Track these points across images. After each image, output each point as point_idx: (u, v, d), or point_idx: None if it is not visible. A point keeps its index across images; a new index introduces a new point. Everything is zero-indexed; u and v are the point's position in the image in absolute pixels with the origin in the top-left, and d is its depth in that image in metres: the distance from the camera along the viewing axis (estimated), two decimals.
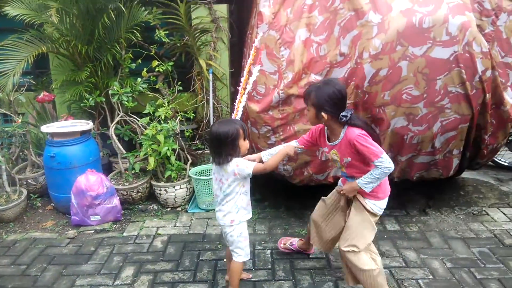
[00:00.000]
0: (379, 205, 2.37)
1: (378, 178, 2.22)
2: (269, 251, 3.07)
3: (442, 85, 2.81)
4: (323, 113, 2.23)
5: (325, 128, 2.40)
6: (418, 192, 3.86)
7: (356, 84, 2.89)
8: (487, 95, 2.92)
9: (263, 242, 3.18)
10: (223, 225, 2.43)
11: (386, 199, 2.40)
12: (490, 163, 4.35)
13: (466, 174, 4.13)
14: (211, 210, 3.67)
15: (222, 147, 2.26)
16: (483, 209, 3.62)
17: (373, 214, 2.37)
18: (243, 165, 2.27)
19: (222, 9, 4.38)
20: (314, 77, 2.97)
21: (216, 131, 2.27)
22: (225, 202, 2.37)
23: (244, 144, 2.32)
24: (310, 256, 3.00)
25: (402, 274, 2.78)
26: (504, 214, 3.54)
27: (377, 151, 2.17)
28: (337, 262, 2.91)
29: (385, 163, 2.17)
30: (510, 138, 4.26)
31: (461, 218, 3.49)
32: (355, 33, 2.86)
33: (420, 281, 2.71)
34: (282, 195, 3.79)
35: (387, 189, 2.40)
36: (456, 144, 3.10)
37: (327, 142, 2.40)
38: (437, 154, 3.13)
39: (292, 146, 2.47)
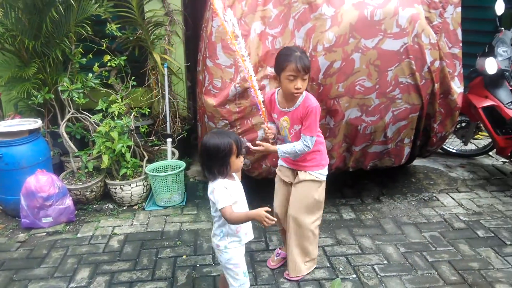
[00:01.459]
0: (324, 173, 2.58)
1: (295, 153, 2.41)
2: None
3: (393, 76, 2.90)
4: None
5: (276, 94, 2.46)
6: (372, 181, 3.97)
7: (311, 77, 2.92)
8: (436, 85, 3.04)
9: None
10: (213, 246, 2.23)
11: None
12: (439, 150, 4.53)
13: (417, 162, 4.28)
14: (169, 207, 3.62)
15: (211, 162, 2.02)
16: (434, 195, 3.78)
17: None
18: (218, 196, 2.00)
19: (176, 2, 4.30)
20: (270, 70, 2.98)
21: (206, 143, 2.03)
22: (214, 222, 2.15)
23: (237, 162, 2.05)
24: (270, 248, 3.03)
25: (358, 260, 2.86)
26: (453, 199, 3.71)
27: (315, 130, 2.38)
28: None
29: (310, 143, 2.38)
30: (458, 126, 4.47)
31: (413, 204, 3.63)
32: (309, 26, 2.89)
33: (375, 266, 2.80)
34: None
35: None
36: (407, 133, 3.21)
37: (279, 108, 2.45)
38: (389, 143, 3.23)
39: (262, 214, 2.02)
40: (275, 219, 2.07)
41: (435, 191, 3.85)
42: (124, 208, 3.65)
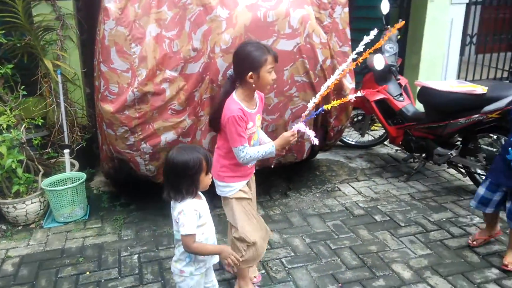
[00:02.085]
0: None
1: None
2: (136, 255, 2.97)
3: (289, 75, 3.01)
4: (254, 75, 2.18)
5: (240, 103, 2.23)
6: (280, 177, 4.09)
7: (211, 79, 2.93)
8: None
9: (129, 248, 3.07)
10: (172, 271, 2.08)
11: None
12: (340, 143, 4.81)
13: (320, 156, 4.50)
14: (71, 222, 3.41)
15: (178, 181, 1.87)
16: (336, 185, 3.99)
17: None
18: (185, 220, 1.87)
19: (67, 6, 4.06)
20: (170, 73, 2.94)
21: (173, 159, 1.87)
22: (178, 245, 2.00)
23: (205, 180, 1.93)
24: None
25: (267, 256, 2.93)
26: (353, 188, 3.95)
27: None
28: None
29: None
30: (354, 119, 4.77)
31: (317, 196, 3.80)
32: (205, 28, 2.89)
33: (283, 259, 2.90)
34: (150, 196, 3.68)
35: None
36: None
37: (251, 111, 2.28)
38: None
39: (229, 251, 1.99)
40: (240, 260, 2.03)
41: (337, 182, 4.07)
42: (19, 228, 3.36)
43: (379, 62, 3.97)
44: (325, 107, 2.39)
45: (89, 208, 3.58)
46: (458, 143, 3.75)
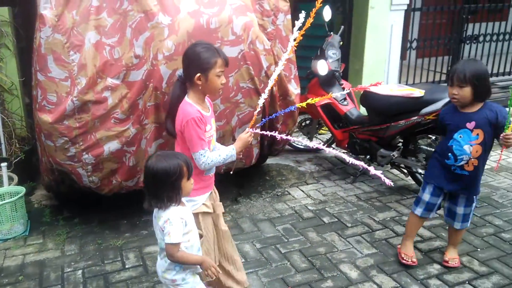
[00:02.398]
0: None
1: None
2: (80, 271, 2.86)
3: (234, 81, 3.02)
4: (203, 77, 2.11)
5: (195, 106, 2.15)
6: (230, 184, 4.08)
7: (155, 86, 2.88)
8: (274, 88, 3.25)
9: (73, 263, 2.94)
10: (163, 282, 2.03)
11: None
12: (289, 147, 4.87)
13: (270, 161, 4.54)
14: (10, 239, 3.23)
15: (159, 188, 1.83)
16: (286, 189, 4.04)
17: None
18: (171, 229, 1.84)
19: (3, 12, 3.88)
20: (111, 81, 2.86)
21: (152, 167, 1.82)
22: (164, 255, 1.95)
23: (187, 185, 1.91)
24: (126, 266, 2.91)
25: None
26: (302, 191, 4.01)
27: None
28: (154, 267, 2.89)
29: None
30: (302, 124, 4.86)
31: (268, 200, 3.83)
32: (147, 35, 2.85)
33: None
34: (95, 209, 3.57)
35: None
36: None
37: (207, 114, 2.21)
38: None
39: (211, 262, 1.98)
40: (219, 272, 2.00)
41: (287, 186, 4.12)
42: None
43: (322, 68, 4.07)
44: (298, 105, 2.46)
45: (29, 223, 3.40)
46: (400, 144, 3.90)
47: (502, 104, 2.70)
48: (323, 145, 2.21)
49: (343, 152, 4.46)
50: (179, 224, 1.86)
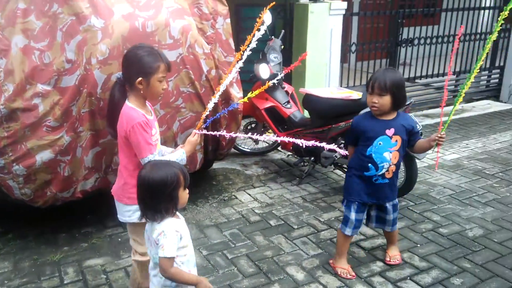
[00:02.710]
0: None
1: None
2: None
3: (174, 86, 2.95)
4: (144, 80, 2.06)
5: (138, 110, 2.09)
6: None
7: (89, 92, 2.76)
8: (215, 92, 3.20)
9: (6, 281, 2.75)
10: None
11: None
12: (236, 151, 4.85)
13: (216, 165, 4.49)
14: None
15: (156, 200, 1.74)
16: (233, 193, 4.00)
17: None
18: (165, 242, 1.74)
19: None
20: (42, 87, 2.71)
21: (148, 177, 1.74)
22: (157, 271, 1.84)
23: (184, 196, 1.82)
24: (65, 282, 2.76)
25: None
26: (250, 195, 3.99)
27: None
28: (94, 282, 2.76)
29: None
30: (248, 127, 4.85)
31: (214, 206, 3.77)
32: (79, 39, 2.72)
33: None
34: (30, 222, 3.36)
35: None
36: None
37: (151, 117, 2.15)
38: None
39: (207, 283, 1.89)
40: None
41: (233, 190, 4.08)
42: None
43: (264, 72, 4.09)
44: (240, 101, 2.51)
45: None
46: (342, 145, 3.98)
47: (447, 103, 2.84)
48: (269, 147, 2.21)
49: (290, 155, 4.52)
50: (174, 237, 1.77)
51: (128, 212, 2.23)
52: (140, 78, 2.04)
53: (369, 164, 2.63)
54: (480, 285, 2.69)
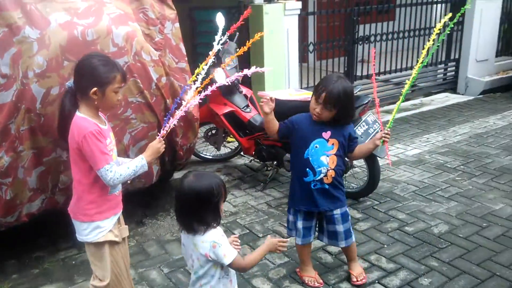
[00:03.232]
0: None
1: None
2: None
3: (121, 96, 2.77)
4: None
5: (90, 119, 2.00)
6: (134, 204, 3.78)
7: (28, 108, 2.55)
8: (168, 100, 3.05)
9: None
10: None
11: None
12: (197, 159, 4.70)
13: (178, 174, 4.31)
14: None
15: (204, 210, 1.72)
16: None
17: None
18: (221, 251, 1.76)
19: None
20: None
21: (194, 187, 1.73)
22: (199, 286, 1.87)
23: (222, 208, 1.83)
24: None
25: None
26: None
27: None
28: None
29: None
30: (209, 133, 4.70)
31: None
32: (14, 51, 2.51)
33: None
34: None
35: None
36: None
37: (105, 127, 2.08)
38: None
39: (274, 241, 1.97)
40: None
41: None
42: None
43: (220, 76, 3.95)
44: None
45: None
46: None
47: (393, 100, 2.78)
48: (232, 153, 2.15)
49: (253, 160, 4.40)
50: (225, 240, 1.81)
51: (85, 230, 2.10)
52: (95, 89, 1.96)
53: (307, 169, 2.51)
54: (448, 284, 2.65)
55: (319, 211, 2.60)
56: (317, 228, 2.72)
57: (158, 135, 2.23)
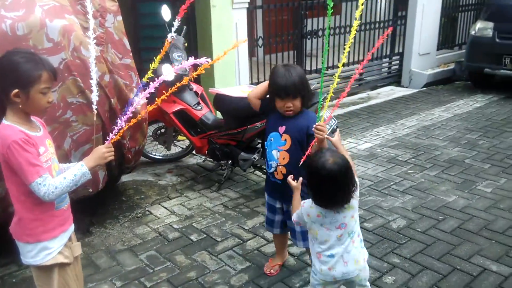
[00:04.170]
0: None
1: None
2: None
3: (59, 97, 2.51)
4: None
5: (17, 127, 1.75)
6: (79, 212, 3.45)
7: None
8: (112, 100, 2.81)
9: None
10: (358, 273, 2.04)
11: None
12: (146, 159, 4.44)
13: (125, 178, 4.06)
14: None
15: (350, 181, 1.88)
16: (146, 209, 3.62)
17: None
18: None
19: None
20: None
21: (339, 161, 1.86)
22: (352, 243, 2.01)
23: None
24: None
25: None
26: (166, 208, 3.64)
27: None
28: None
29: None
30: (157, 132, 4.46)
31: (126, 226, 3.37)
32: None
33: None
34: None
35: None
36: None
37: (37, 134, 1.82)
38: None
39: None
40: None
41: (147, 204, 3.70)
42: None
43: (168, 73, 3.73)
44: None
45: None
46: (259, 146, 3.78)
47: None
48: (183, 152, 1.94)
49: (206, 159, 4.23)
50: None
51: (30, 252, 1.85)
52: (16, 90, 1.70)
53: (267, 159, 2.50)
54: (412, 281, 2.63)
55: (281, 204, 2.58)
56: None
57: (107, 139, 1.99)
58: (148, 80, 2.11)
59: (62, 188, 1.77)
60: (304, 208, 2.04)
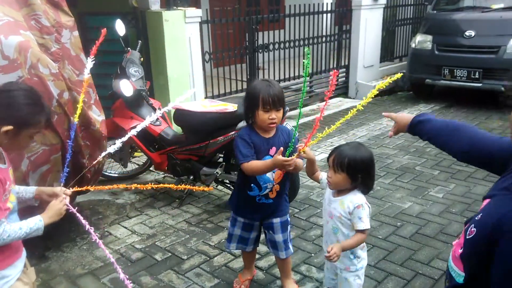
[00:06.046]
0: None
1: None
2: None
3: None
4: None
5: None
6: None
7: None
8: (72, 118, 2.70)
9: None
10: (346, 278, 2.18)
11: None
12: (102, 177, 4.28)
13: (80, 198, 3.89)
14: None
15: (372, 172, 2.05)
16: (105, 230, 3.50)
17: None
18: (364, 215, 2.06)
19: None
20: None
21: (363, 153, 2.01)
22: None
23: None
24: None
25: None
26: (126, 228, 3.53)
27: None
28: None
29: None
30: (115, 148, 4.31)
31: (85, 248, 3.23)
32: None
33: None
34: None
35: None
36: (54, 177, 2.77)
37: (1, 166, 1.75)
38: None
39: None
40: None
41: (106, 225, 3.57)
42: None
43: (126, 88, 3.66)
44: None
45: None
46: (221, 160, 3.77)
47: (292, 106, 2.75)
48: (140, 169, 1.91)
49: (165, 175, 4.14)
50: (368, 209, 2.00)
51: None
52: (9, 127, 1.66)
53: (252, 184, 2.44)
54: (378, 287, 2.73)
55: (260, 222, 2.58)
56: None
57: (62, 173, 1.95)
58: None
59: (13, 238, 1.73)
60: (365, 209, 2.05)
